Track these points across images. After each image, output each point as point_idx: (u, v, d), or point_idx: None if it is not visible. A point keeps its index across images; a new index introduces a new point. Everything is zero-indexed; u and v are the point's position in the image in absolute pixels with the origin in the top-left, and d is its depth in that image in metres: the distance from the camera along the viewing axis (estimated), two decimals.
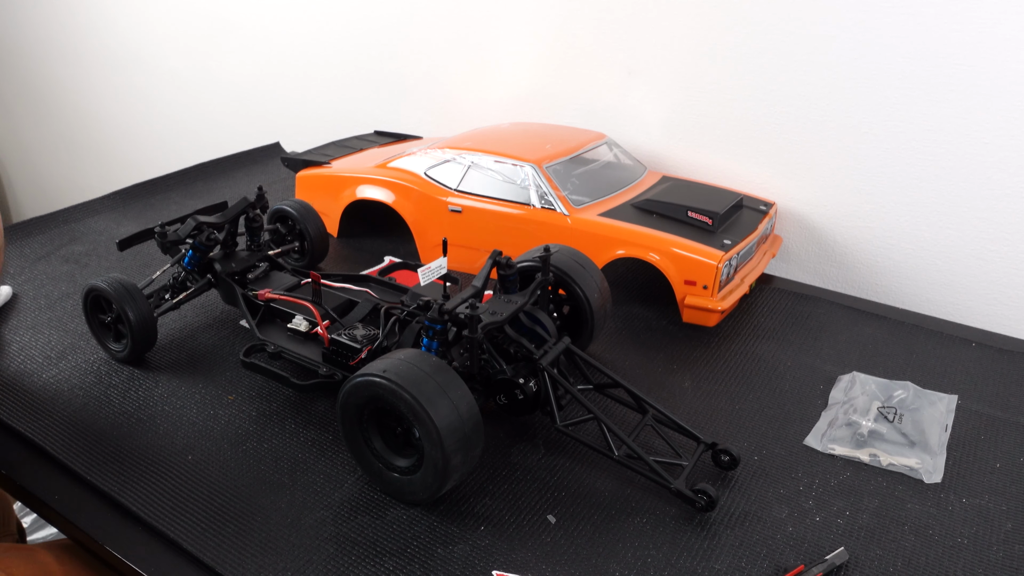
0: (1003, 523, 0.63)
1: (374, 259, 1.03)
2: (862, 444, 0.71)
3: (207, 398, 0.77)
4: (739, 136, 1.07)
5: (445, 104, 1.36)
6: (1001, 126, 0.90)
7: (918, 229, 0.99)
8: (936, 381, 0.81)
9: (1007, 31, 0.86)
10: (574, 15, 1.15)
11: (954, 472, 0.69)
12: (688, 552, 0.60)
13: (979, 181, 0.93)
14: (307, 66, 1.54)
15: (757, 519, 0.63)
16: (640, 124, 1.15)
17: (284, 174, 1.31)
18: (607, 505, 0.64)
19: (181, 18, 1.71)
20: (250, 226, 0.87)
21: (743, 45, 1.02)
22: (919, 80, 0.93)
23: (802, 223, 1.07)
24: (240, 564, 0.58)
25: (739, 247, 0.90)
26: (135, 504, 0.64)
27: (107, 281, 0.78)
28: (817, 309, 0.95)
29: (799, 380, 0.81)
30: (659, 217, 0.93)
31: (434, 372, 0.61)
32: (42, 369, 0.81)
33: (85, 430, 0.72)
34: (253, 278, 0.86)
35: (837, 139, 1.00)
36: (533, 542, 0.61)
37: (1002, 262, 0.95)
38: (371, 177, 1.04)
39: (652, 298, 0.95)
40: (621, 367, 0.83)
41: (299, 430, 0.73)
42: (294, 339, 0.78)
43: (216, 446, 0.70)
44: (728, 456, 0.67)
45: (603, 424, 0.66)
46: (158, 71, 1.83)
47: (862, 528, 0.63)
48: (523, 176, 0.95)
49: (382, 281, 0.86)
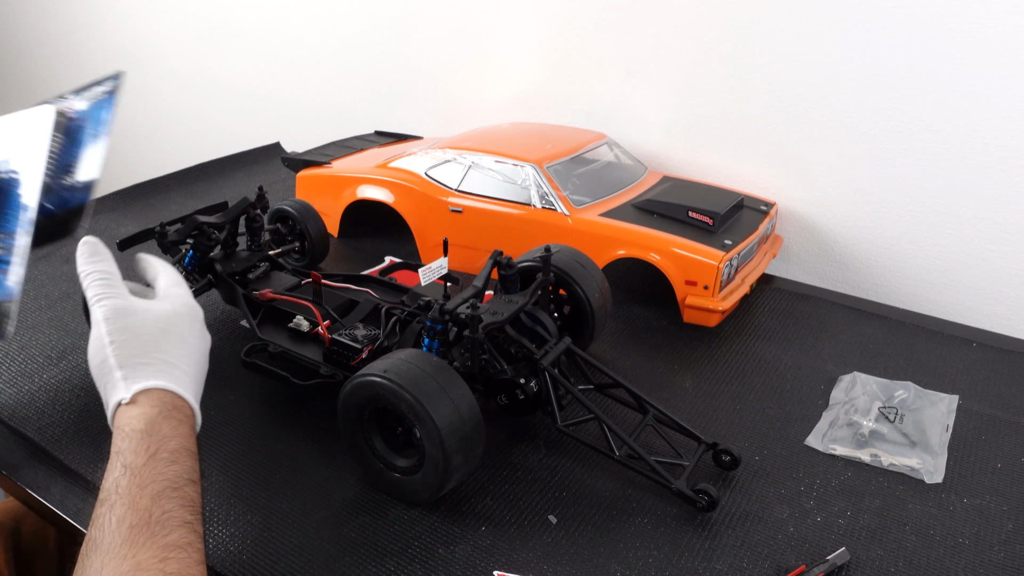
0: (1004, 523, 0.63)
1: (374, 259, 1.03)
2: (863, 444, 0.71)
3: (207, 398, 0.76)
4: (740, 136, 1.07)
5: (445, 104, 1.36)
6: (1001, 126, 0.90)
7: (919, 229, 0.99)
8: (937, 381, 0.81)
9: (1007, 31, 0.86)
10: (574, 15, 1.15)
11: (955, 472, 0.69)
12: (689, 552, 0.60)
13: (979, 181, 0.93)
14: (307, 66, 1.54)
15: (758, 519, 0.63)
16: (640, 124, 1.15)
17: (284, 174, 1.31)
18: (608, 505, 0.64)
19: (181, 18, 1.71)
20: (250, 226, 0.87)
21: (743, 45, 1.02)
22: (919, 80, 0.93)
23: (803, 223, 1.07)
24: (240, 565, 0.58)
25: (740, 247, 0.90)
26: None
27: None
28: (818, 309, 0.95)
29: (800, 380, 0.81)
30: (660, 217, 0.93)
31: (435, 372, 0.61)
32: (42, 369, 0.81)
33: (85, 430, 0.72)
34: (253, 278, 0.86)
35: (837, 139, 1.00)
36: (534, 542, 0.61)
37: (1003, 262, 0.95)
38: (371, 177, 1.04)
39: (653, 298, 0.95)
40: (622, 367, 0.83)
41: (300, 430, 0.72)
42: (295, 339, 0.78)
43: (216, 446, 0.70)
44: (729, 456, 0.67)
45: (604, 424, 0.66)
46: (158, 71, 1.83)
47: (863, 528, 0.62)
48: (524, 176, 0.95)
49: (383, 281, 0.86)
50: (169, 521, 0.47)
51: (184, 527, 0.47)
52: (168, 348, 0.58)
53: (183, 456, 0.52)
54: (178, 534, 0.46)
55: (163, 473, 0.49)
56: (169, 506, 0.48)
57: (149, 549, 0.45)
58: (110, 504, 0.47)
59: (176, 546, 0.46)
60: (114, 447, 0.52)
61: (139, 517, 0.46)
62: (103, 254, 0.63)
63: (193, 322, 0.62)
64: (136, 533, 0.45)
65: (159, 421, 0.53)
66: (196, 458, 0.53)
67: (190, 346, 0.60)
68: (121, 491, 0.48)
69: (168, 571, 0.44)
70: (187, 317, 0.62)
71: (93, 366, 0.57)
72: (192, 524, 0.48)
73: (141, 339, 0.57)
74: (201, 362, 0.61)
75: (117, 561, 0.44)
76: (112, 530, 0.46)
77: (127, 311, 0.58)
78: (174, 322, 0.60)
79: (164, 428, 0.52)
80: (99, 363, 0.57)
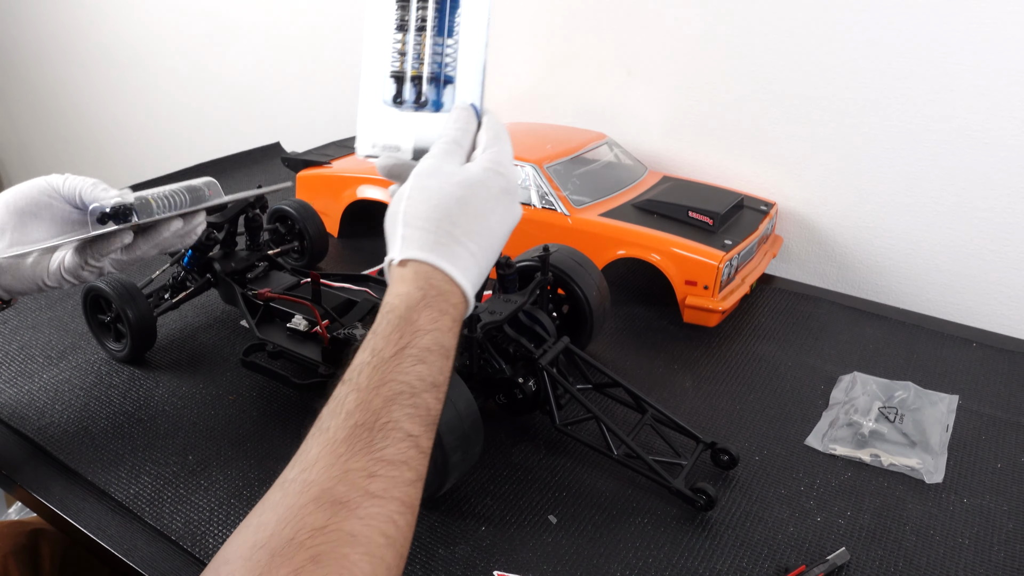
0: (1004, 523, 0.63)
1: (374, 259, 1.03)
2: (863, 444, 0.71)
3: (208, 398, 0.77)
4: (740, 136, 1.07)
5: None
6: (1002, 126, 0.90)
7: (919, 229, 0.99)
8: (937, 381, 0.81)
9: (1008, 31, 0.86)
10: (574, 15, 1.15)
11: (955, 472, 0.69)
12: (690, 552, 0.60)
13: (979, 181, 0.93)
14: (307, 66, 1.54)
15: (758, 519, 0.63)
16: (640, 124, 1.15)
17: (284, 174, 1.31)
18: (608, 505, 0.64)
19: (181, 18, 1.71)
20: (249, 226, 0.87)
21: (743, 45, 1.02)
22: (919, 80, 0.92)
23: (803, 223, 1.07)
24: None
25: (740, 247, 0.90)
26: (136, 504, 0.64)
27: (106, 281, 0.78)
28: (818, 309, 0.95)
29: (800, 380, 0.81)
30: (660, 217, 0.93)
31: None
32: (42, 369, 0.81)
33: (85, 430, 0.72)
34: (252, 277, 0.86)
35: (837, 139, 1.00)
36: (534, 542, 0.61)
37: (1003, 262, 0.94)
38: (371, 177, 1.04)
39: (653, 298, 0.95)
40: (622, 367, 0.83)
41: (300, 430, 0.72)
42: (294, 338, 0.78)
43: (217, 446, 0.70)
44: (727, 455, 0.67)
45: (602, 423, 0.66)
46: (158, 70, 1.83)
47: (863, 528, 0.62)
48: (524, 176, 0.95)
49: (382, 281, 0.86)
50: (393, 432, 0.43)
51: (407, 441, 0.44)
52: (460, 220, 0.51)
53: (433, 355, 0.47)
54: (397, 448, 0.43)
55: (406, 373, 0.45)
56: (399, 414, 0.44)
57: (362, 458, 0.42)
58: (347, 390, 0.45)
59: (389, 462, 0.42)
60: (380, 311, 0.48)
61: (366, 417, 0.43)
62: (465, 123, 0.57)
63: (501, 195, 0.54)
64: (357, 435, 0.43)
65: (419, 308, 0.47)
66: (449, 357, 0.48)
67: (487, 223, 0.52)
68: (361, 381, 0.45)
69: (370, 490, 0.41)
70: (495, 188, 0.53)
71: (387, 215, 0.53)
72: (417, 439, 0.44)
73: (433, 202, 0.51)
74: (495, 242, 0.54)
75: (331, 459, 0.42)
76: (340, 422, 0.43)
77: (437, 171, 0.53)
78: (476, 192, 0.52)
79: (422, 318, 0.47)
80: (391, 214, 0.53)
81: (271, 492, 0.42)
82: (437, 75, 0.60)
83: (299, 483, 0.41)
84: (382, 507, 0.41)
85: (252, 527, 0.40)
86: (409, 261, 0.49)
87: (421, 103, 0.60)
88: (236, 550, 0.39)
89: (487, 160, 0.54)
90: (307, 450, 0.43)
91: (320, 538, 0.38)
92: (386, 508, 0.41)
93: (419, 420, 0.45)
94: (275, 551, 0.38)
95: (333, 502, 0.40)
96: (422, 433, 0.45)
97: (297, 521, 0.39)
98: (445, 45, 0.59)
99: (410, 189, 0.52)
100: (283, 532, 0.38)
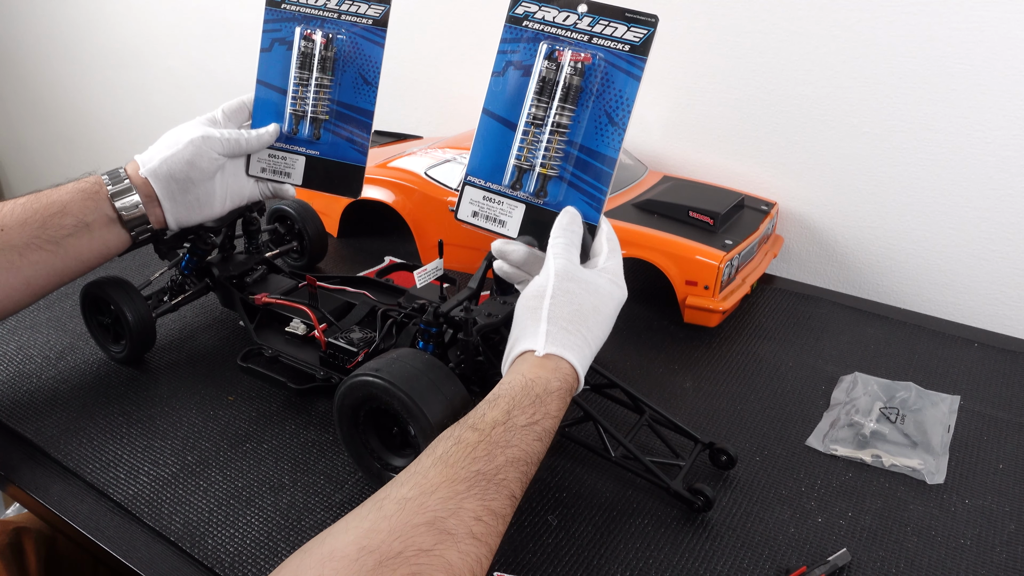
0: (1006, 524, 0.63)
1: (374, 259, 1.03)
2: (864, 445, 0.71)
3: (207, 399, 0.76)
4: (740, 136, 1.07)
5: (445, 104, 1.36)
6: (1002, 126, 0.89)
7: (920, 229, 0.98)
8: (938, 382, 0.80)
9: (1008, 30, 0.86)
10: None
11: (957, 473, 0.68)
12: (690, 553, 0.60)
13: (980, 181, 0.93)
14: None
15: (759, 520, 0.63)
16: (640, 124, 1.15)
17: None
18: (608, 506, 0.64)
19: (181, 18, 1.71)
20: (247, 229, 0.87)
21: (744, 45, 1.02)
22: (919, 80, 0.92)
23: (803, 223, 1.06)
24: (240, 565, 0.58)
25: (741, 247, 0.89)
26: (134, 505, 0.63)
27: (105, 282, 0.78)
28: (819, 309, 0.95)
29: (801, 380, 0.81)
30: (660, 217, 0.93)
31: (427, 369, 0.61)
32: (41, 369, 0.81)
33: (85, 430, 0.72)
34: (251, 281, 0.86)
35: (838, 139, 1.00)
36: (534, 543, 0.60)
37: (1004, 262, 0.94)
38: (371, 177, 1.04)
39: (653, 298, 0.95)
40: (622, 367, 0.83)
41: (299, 431, 0.72)
42: (291, 343, 0.78)
43: (216, 447, 0.70)
44: (726, 455, 0.67)
45: (599, 425, 0.65)
46: (157, 70, 1.83)
47: (864, 529, 0.62)
48: None
49: (379, 283, 0.86)
50: (504, 488, 0.49)
51: (509, 500, 0.49)
52: (592, 326, 0.59)
53: (548, 437, 0.54)
54: (501, 503, 0.48)
55: (529, 445, 0.52)
56: (512, 475, 0.50)
57: (475, 502, 0.47)
58: (478, 438, 0.50)
59: (494, 513, 0.48)
60: (509, 385, 0.55)
61: (488, 468, 0.49)
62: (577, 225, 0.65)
63: (618, 306, 0.63)
64: (477, 481, 0.48)
65: (554, 397, 0.55)
66: (549, 444, 0.55)
67: (605, 329, 0.61)
68: (495, 436, 0.51)
69: (474, 531, 0.46)
70: (617, 300, 0.62)
71: (521, 305, 0.60)
72: (515, 501, 0.50)
73: (574, 307, 0.59)
74: (606, 338, 0.62)
75: (449, 493, 0.47)
76: (465, 462, 0.49)
77: (575, 276, 0.60)
78: (605, 303, 0.61)
79: (553, 405, 0.54)
80: (530, 308, 0.59)
81: (384, 502, 0.46)
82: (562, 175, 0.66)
83: (417, 504, 0.46)
84: (478, 549, 0.46)
85: (362, 531, 0.44)
86: (550, 356, 0.57)
87: (539, 195, 0.67)
88: (343, 548, 0.43)
89: (612, 274, 0.63)
90: (424, 472, 0.48)
91: (424, 559, 0.43)
92: (480, 550, 0.46)
93: (521, 486, 0.51)
94: (383, 560, 0.42)
95: (443, 531, 0.45)
96: (518, 499, 0.51)
97: (408, 538, 0.44)
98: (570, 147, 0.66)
99: (553, 289, 0.59)
100: (393, 544, 0.43)
